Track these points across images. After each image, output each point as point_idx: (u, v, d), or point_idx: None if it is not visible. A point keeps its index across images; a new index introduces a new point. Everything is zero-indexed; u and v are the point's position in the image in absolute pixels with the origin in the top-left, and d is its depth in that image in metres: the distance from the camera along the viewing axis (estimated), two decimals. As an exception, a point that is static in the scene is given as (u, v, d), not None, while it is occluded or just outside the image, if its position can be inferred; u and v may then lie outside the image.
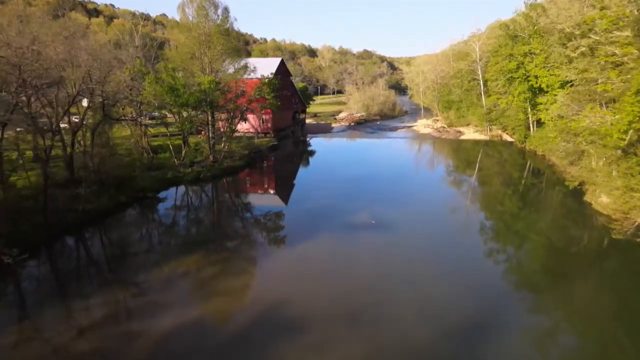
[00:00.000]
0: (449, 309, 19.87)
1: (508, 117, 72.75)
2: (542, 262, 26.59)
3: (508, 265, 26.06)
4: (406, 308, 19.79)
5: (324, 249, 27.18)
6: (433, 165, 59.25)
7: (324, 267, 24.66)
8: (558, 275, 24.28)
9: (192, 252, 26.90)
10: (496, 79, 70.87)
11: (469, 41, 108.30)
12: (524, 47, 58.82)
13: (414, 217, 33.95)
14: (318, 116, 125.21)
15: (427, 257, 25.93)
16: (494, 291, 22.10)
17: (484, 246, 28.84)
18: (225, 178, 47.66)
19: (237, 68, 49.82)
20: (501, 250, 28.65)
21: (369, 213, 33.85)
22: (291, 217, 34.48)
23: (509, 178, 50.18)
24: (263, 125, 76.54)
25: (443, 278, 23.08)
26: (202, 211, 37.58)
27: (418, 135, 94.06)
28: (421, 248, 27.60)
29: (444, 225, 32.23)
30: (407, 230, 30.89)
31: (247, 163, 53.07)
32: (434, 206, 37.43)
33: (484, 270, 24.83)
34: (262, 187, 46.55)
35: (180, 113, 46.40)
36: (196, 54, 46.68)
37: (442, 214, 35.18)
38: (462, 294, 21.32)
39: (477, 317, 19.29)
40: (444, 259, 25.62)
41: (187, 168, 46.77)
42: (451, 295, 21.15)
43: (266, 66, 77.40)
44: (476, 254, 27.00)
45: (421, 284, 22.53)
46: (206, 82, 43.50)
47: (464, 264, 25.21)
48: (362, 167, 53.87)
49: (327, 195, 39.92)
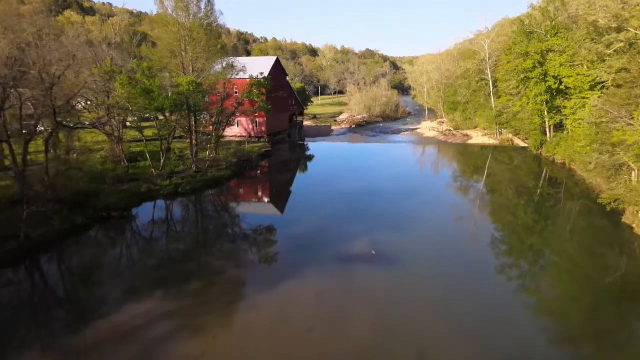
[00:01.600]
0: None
1: (520, 120, 67.18)
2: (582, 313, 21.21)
3: (553, 332, 20.41)
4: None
5: (312, 295, 21.82)
6: (441, 176, 53.54)
7: (308, 322, 19.34)
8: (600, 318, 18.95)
9: (144, 297, 21.60)
10: (508, 79, 65.38)
11: (477, 39, 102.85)
12: (540, 45, 53.34)
13: (422, 247, 28.51)
14: (318, 118, 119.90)
15: (440, 309, 20.48)
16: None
17: (512, 294, 23.44)
18: (208, 191, 42.36)
19: (223, 67, 44.37)
20: (539, 307, 23.02)
21: (369, 240, 28.48)
22: (278, 246, 28.89)
23: (531, 192, 44.69)
24: (257, 129, 71.26)
25: (461, 343, 17.71)
26: (170, 238, 31.23)
27: (423, 139, 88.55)
28: (433, 294, 22.07)
29: (460, 260, 26.60)
30: (414, 266, 25.33)
31: (234, 173, 47.73)
32: (446, 232, 31.80)
33: (513, 327, 19.44)
34: (246, 204, 40.86)
35: (158, 118, 41.13)
36: (176, 51, 41.26)
37: (456, 243, 29.66)
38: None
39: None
40: (462, 312, 20.17)
41: (165, 180, 41.54)
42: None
43: (260, 66, 71.97)
44: (502, 304, 21.58)
45: (435, 355, 17.20)
46: (185, 83, 38.23)
47: (487, 319, 19.80)
48: (362, 178, 48.39)
49: (321, 216, 34.53)
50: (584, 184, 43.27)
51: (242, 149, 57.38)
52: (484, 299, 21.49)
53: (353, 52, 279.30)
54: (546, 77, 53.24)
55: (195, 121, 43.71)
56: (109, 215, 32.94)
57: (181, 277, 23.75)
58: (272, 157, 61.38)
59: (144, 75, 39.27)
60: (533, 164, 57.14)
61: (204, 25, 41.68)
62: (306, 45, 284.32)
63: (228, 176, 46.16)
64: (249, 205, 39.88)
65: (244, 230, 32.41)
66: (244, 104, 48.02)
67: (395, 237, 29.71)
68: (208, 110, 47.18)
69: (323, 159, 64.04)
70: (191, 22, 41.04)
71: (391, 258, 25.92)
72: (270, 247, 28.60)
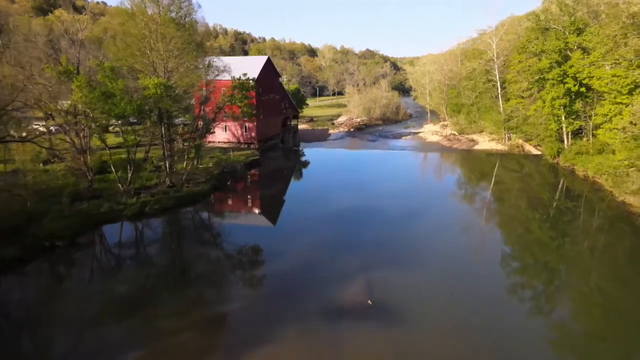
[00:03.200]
0: None
1: (532, 125, 61.68)
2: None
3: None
4: None
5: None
6: (448, 192, 46.80)
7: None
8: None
9: None
10: (519, 80, 59.91)
11: (482, 38, 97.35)
12: (558, 42, 47.84)
13: (429, 291, 22.86)
14: (315, 121, 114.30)
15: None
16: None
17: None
18: (181, 209, 36.77)
19: (199, 67, 38.73)
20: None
21: (365, 282, 22.94)
22: (254, 295, 23.21)
23: (565, 220, 39.14)
24: (246, 134, 65.73)
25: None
26: (123, 277, 25.29)
27: (425, 144, 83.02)
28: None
29: (476, 308, 21.09)
30: (420, 322, 19.76)
31: (214, 187, 42.14)
32: (458, 268, 25.94)
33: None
34: (221, 228, 34.44)
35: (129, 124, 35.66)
36: (143, 48, 35.65)
37: (470, 284, 23.99)
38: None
39: None
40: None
41: (132, 197, 36.03)
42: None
43: (249, 66, 66.42)
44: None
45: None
46: (152, 85, 32.68)
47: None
48: (359, 194, 42.49)
49: (311, 245, 28.91)
50: (612, 201, 37.80)
51: (227, 157, 51.87)
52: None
53: (353, 52, 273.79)
54: (565, 78, 47.74)
55: (168, 129, 38.14)
56: (53, 244, 27.38)
57: (134, 332, 18.20)
58: (261, 167, 55.75)
59: (106, 77, 33.78)
60: (549, 174, 51.57)
61: (176, 19, 36.02)
62: (305, 45, 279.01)
63: (206, 191, 40.57)
64: (224, 231, 33.57)
65: (214, 268, 26.69)
66: (225, 108, 42.38)
67: (396, 276, 24.13)
68: (186, 116, 41.69)
69: (316, 169, 58.33)
70: (161, 15, 35.38)
71: (392, 310, 20.34)
72: (243, 298, 22.74)
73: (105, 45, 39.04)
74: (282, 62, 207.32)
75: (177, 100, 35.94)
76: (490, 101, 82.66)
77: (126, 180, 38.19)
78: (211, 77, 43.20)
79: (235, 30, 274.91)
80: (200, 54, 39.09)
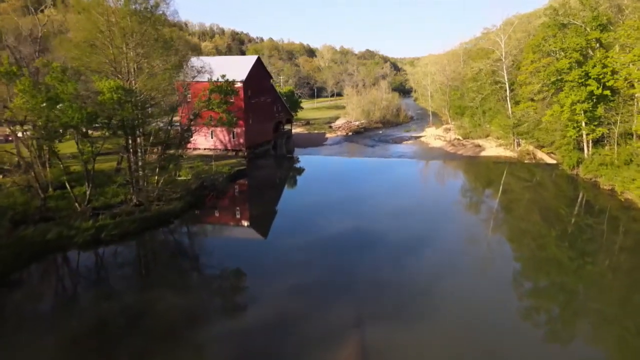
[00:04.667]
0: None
1: (546, 131, 56.47)
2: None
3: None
4: None
5: None
6: (458, 210, 40.57)
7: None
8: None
9: None
10: (531, 82, 54.72)
11: (488, 36, 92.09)
12: (578, 39, 42.61)
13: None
14: (311, 124, 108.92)
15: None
16: None
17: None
18: (145, 234, 31.41)
19: (169, 68, 33.43)
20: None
21: (358, 348, 17.64)
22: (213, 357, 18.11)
23: (597, 247, 33.89)
24: (234, 140, 60.48)
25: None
26: (50, 328, 20.52)
27: (428, 149, 77.69)
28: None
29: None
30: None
31: (188, 204, 36.74)
32: (479, 324, 20.64)
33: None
34: (186, 263, 28.52)
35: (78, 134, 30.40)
36: (102, 46, 30.37)
37: (493, 347, 18.80)
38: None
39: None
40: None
41: (88, 219, 30.75)
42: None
43: (236, 67, 61.28)
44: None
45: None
46: (106, 89, 27.43)
47: None
48: (355, 215, 36.39)
49: (293, 288, 23.38)
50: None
51: (208, 168, 46.56)
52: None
53: (352, 53, 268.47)
54: (587, 80, 42.51)
55: (134, 139, 32.87)
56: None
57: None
58: (247, 178, 50.29)
59: (55, 78, 28.55)
60: (567, 186, 46.30)
61: (139, 12, 30.65)
62: (304, 46, 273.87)
63: (179, 210, 35.15)
64: (191, 266, 27.75)
65: (172, 321, 21.31)
66: (203, 114, 37.13)
67: (397, 332, 18.83)
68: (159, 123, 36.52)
69: (309, 182, 52.65)
70: (120, 7, 30.07)
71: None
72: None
73: (57, 42, 33.70)
74: (280, 62, 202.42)
75: (142, 106, 30.62)
76: (497, 104, 77.41)
77: (95, 195, 33.02)
78: (189, 79, 37.88)
79: (233, 31, 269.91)
80: (169, 52, 33.63)
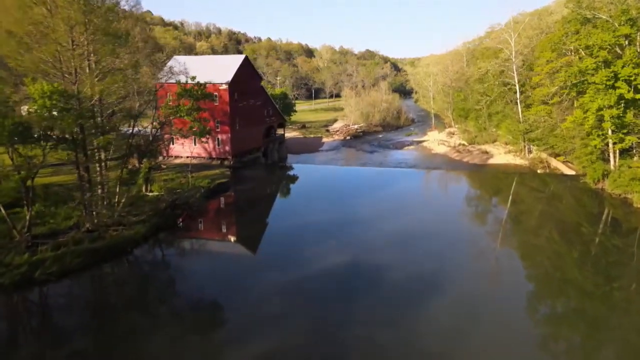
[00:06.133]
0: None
1: (562, 138, 51.09)
2: None
3: None
4: None
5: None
6: (472, 237, 33.51)
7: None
8: None
9: None
10: (547, 84, 49.33)
11: (495, 34, 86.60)
12: (606, 36, 37.20)
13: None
14: (307, 128, 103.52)
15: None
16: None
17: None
18: (94, 270, 25.92)
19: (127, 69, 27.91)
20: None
21: None
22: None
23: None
24: (219, 148, 55.06)
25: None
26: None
27: (431, 156, 72.31)
28: None
29: None
30: None
31: (155, 227, 31.15)
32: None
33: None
34: (136, 313, 22.32)
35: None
36: (39, 40, 24.88)
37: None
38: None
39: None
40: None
41: (24, 252, 25.32)
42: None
43: (220, 67, 55.90)
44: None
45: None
46: (37, 94, 22.03)
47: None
48: (349, 243, 30.25)
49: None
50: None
51: (186, 181, 41.13)
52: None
53: (352, 53, 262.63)
54: (616, 82, 37.13)
55: (83, 152, 27.38)
56: None
57: None
58: (230, 192, 44.66)
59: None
60: (591, 202, 40.82)
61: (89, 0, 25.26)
62: (302, 46, 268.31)
63: (141, 235, 29.58)
64: (142, 319, 22.09)
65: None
66: (172, 122, 31.72)
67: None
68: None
69: (299, 197, 46.58)
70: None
71: None
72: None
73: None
74: (278, 62, 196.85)
75: (92, 115, 25.17)
76: (506, 107, 71.95)
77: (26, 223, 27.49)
78: (156, 80, 32.44)
79: (230, 30, 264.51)
80: (126, 49, 28.05)
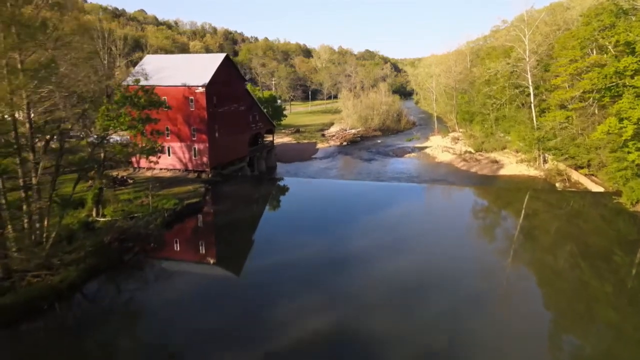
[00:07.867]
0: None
1: (586, 148, 44.68)
2: None
3: None
4: None
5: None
6: (491, 283, 25.30)
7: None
8: None
9: None
10: (564, 86, 42.92)
11: (495, 35, 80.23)
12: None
13: None
14: (302, 132, 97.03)
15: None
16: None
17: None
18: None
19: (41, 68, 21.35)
20: None
21: None
22: None
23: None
24: (195, 159, 48.56)
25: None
26: None
27: (435, 165, 65.79)
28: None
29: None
30: None
31: (92, 269, 24.56)
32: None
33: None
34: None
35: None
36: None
37: None
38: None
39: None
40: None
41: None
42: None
43: (197, 67, 49.39)
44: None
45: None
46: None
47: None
48: (339, 300, 22.77)
49: None
50: None
51: (149, 202, 34.60)
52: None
53: (351, 53, 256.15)
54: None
55: None
56: None
57: None
58: (200, 215, 37.76)
59: None
60: (629, 228, 34.31)
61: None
62: (300, 46, 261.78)
63: (69, 283, 22.93)
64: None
65: None
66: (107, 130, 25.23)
67: None
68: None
69: (282, 222, 38.18)
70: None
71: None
72: None
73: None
74: (274, 63, 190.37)
75: None
76: (517, 112, 65.47)
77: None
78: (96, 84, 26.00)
79: (226, 30, 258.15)
80: (37, 43, 21.40)
